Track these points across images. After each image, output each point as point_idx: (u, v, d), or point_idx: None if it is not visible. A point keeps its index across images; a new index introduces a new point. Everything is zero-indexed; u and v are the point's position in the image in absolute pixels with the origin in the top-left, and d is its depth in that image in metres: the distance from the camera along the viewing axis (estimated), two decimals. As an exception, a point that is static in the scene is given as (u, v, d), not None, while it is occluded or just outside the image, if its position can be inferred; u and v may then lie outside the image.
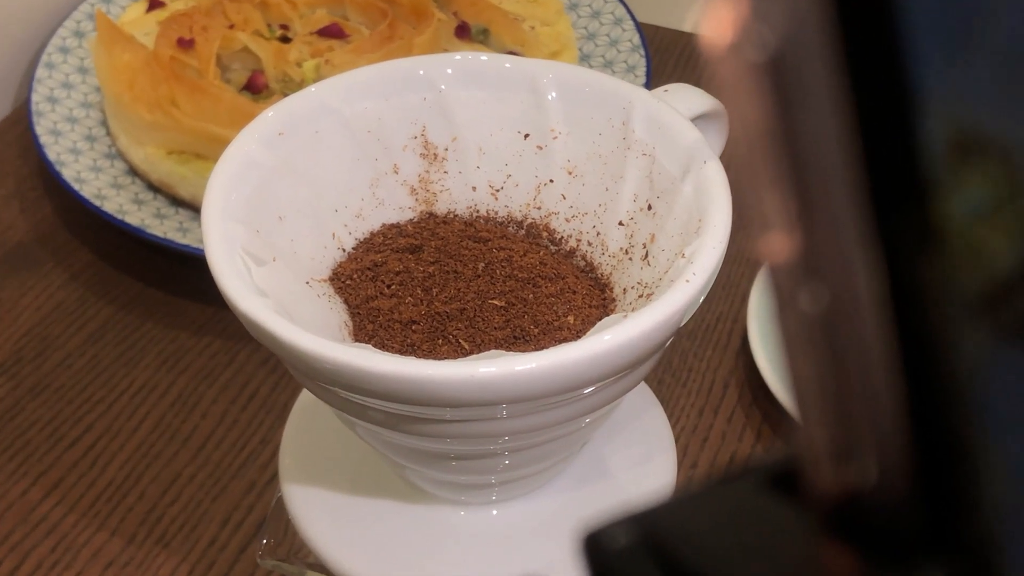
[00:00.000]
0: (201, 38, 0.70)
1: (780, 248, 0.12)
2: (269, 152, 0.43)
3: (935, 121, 0.12)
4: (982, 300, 0.12)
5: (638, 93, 0.45)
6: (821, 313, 0.12)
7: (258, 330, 0.37)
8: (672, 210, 0.43)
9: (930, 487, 0.13)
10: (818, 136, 0.12)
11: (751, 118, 0.12)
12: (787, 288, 0.13)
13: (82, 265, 0.69)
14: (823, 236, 0.12)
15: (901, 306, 0.12)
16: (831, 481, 0.13)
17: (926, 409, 0.13)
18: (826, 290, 0.12)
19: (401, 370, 0.35)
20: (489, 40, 0.75)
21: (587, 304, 0.44)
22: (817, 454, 0.13)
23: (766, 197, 0.12)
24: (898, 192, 0.12)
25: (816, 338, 0.13)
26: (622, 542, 0.15)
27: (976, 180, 0.12)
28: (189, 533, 0.55)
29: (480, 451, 0.42)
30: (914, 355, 0.12)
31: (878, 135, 0.12)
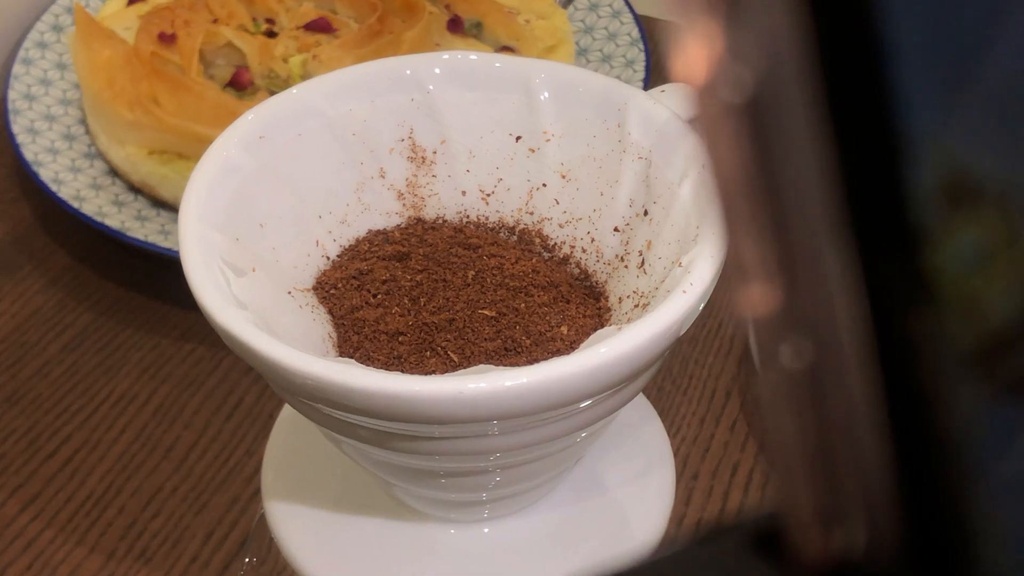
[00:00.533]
0: (183, 33, 0.70)
1: (760, 300, 0.12)
2: (249, 156, 0.43)
3: (925, 165, 0.11)
4: (976, 354, 0.12)
5: (634, 94, 0.45)
6: (805, 369, 0.12)
7: (237, 344, 0.36)
8: (669, 216, 0.42)
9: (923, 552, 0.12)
10: (800, 181, 0.11)
11: (728, 162, 0.12)
12: (768, 343, 0.12)
13: (60, 269, 0.69)
14: (806, 288, 0.12)
15: (890, 361, 0.12)
16: (817, 545, 0.13)
17: (917, 469, 0.12)
18: (810, 345, 0.12)
19: (386, 386, 0.34)
20: (483, 34, 0.75)
21: (581, 314, 0.44)
22: (802, 517, 0.13)
23: (745, 246, 0.12)
24: (886, 241, 0.11)
25: (799, 395, 0.12)
26: (597, 606, 0.14)
27: (969, 227, 0.12)
28: (171, 549, 0.55)
29: (470, 468, 0.41)
30: (904, 413, 0.12)
31: (864, 180, 0.11)
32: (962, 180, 0.11)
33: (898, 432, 0.12)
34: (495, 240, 0.47)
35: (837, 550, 0.13)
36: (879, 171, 0.11)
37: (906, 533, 0.12)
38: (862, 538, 0.13)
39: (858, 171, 0.11)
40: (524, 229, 0.47)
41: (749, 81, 0.11)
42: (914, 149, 0.11)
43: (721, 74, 0.11)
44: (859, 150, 0.11)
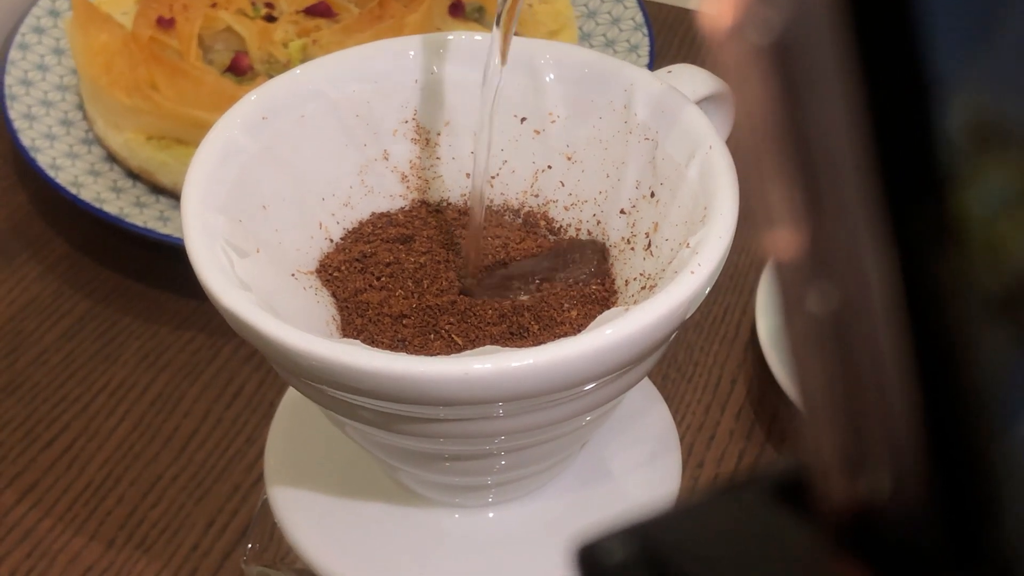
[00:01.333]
0: (182, 18, 0.70)
1: (787, 244, 0.12)
2: (252, 138, 0.43)
3: (953, 109, 0.11)
4: (1002, 299, 0.12)
5: (640, 74, 0.45)
6: (831, 314, 0.12)
7: (241, 325, 0.36)
8: (676, 197, 0.42)
9: (948, 498, 0.13)
10: (827, 125, 0.11)
11: (755, 105, 0.12)
12: (794, 287, 0.12)
13: (58, 257, 0.69)
14: (833, 232, 0.12)
15: (916, 306, 0.12)
16: (842, 493, 0.13)
17: (943, 415, 0.12)
18: (836, 289, 0.12)
19: (391, 367, 0.34)
20: (485, 19, 0.75)
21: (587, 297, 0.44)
22: (827, 464, 0.13)
23: (772, 190, 0.12)
24: (913, 185, 0.11)
25: (825, 341, 0.13)
26: (619, 556, 0.14)
27: (997, 172, 0.12)
28: (171, 538, 0.55)
29: (475, 451, 0.42)
30: (930, 358, 0.12)
31: (892, 124, 0.11)
32: (990, 124, 0.11)
33: (924, 378, 0.12)
34: (500, 222, 0.47)
35: (861, 497, 0.13)
36: (907, 114, 0.11)
37: (932, 479, 0.12)
38: (887, 485, 0.13)
39: (886, 114, 0.11)
40: (529, 212, 0.47)
41: (777, 23, 0.11)
42: (943, 92, 0.11)
43: (749, 16, 0.11)
44: (887, 93, 0.11)
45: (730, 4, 0.11)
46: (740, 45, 0.11)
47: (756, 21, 0.11)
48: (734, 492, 0.15)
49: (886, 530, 0.13)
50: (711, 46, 0.12)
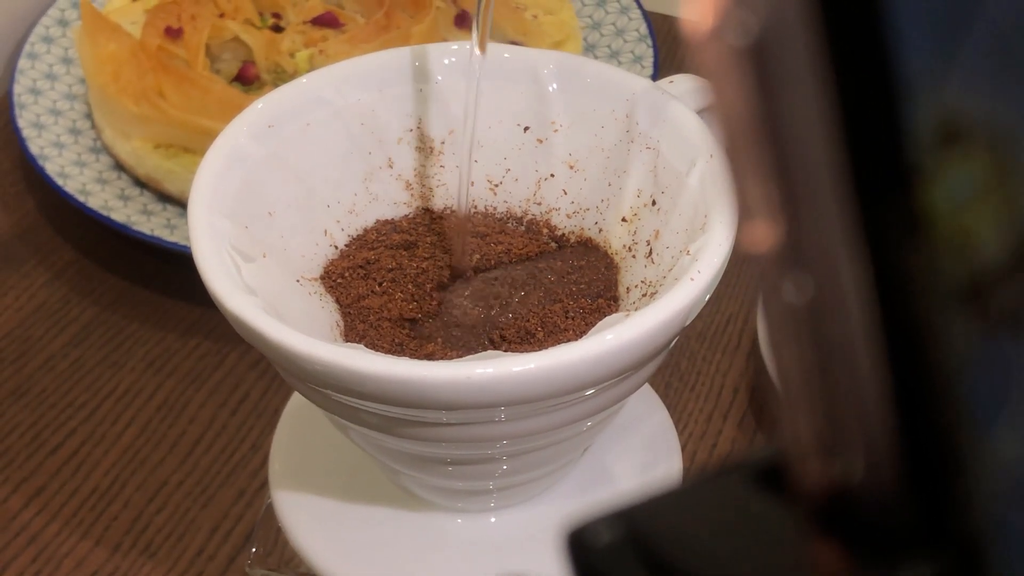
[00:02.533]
0: (190, 27, 0.70)
1: (763, 237, 0.13)
2: (258, 145, 0.44)
3: (921, 107, 0.12)
4: (969, 290, 0.13)
5: (642, 84, 0.45)
6: (805, 303, 0.13)
7: (246, 330, 0.37)
8: (677, 206, 0.43)
9: (918, 481, 0.13)
10: (801, 123, 0.12)
11: (733, 104, 0.12)
12: (771, 278, 0.13)
13: (65, 263, 0.70)
14: (807, 225, 0.12)
15: (886, 296, 0.12)
16: (817, 476, 0.14)
17: (913, 401, 0.13)
18: (810, 280, 0.13)
19: (394, 371, 0.35)
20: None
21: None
22: (803, 448, 0.14)
23: (749, 185, 0.13)
24: (883, 180, 0.12)
25: (801, 329, 0.13)
26: (606, 539, 0.15)
27: (963, 167, 0.12)
28: (176, 543, 0.55)
29: (477, 456, 0.42)
30: (900, 346, 0.13)
31: (862, 121, 0.12)
32: (958, 120, 0.12)
33: (894, 364, 0.13)
34: (503, 229, 0.48)
35: (836, 480, 0.14)
36: (877, 112, 0.12)
37: (902, 462, 0.13)
38: (859, 467, 0.13)
39: (857, 112, 0.12)
40: (532, 219, 0.48)
41: (753, 26, 0.12)
42: (911, 91, 0.12)
43: (727, 19, 0.12)
44: (858, 92, 0.12)
45: (709, 8, 0.12)
46: (719, 47, 0.12)
47: (734, 24, 0.12)
48: (718, 477, 0.16)
49: (859, 512, 0.14)
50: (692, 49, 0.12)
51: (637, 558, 0.15)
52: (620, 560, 0.15)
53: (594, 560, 0.15)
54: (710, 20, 0.12)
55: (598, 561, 0.15)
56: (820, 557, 0.14)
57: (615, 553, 0.15)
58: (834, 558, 0.14)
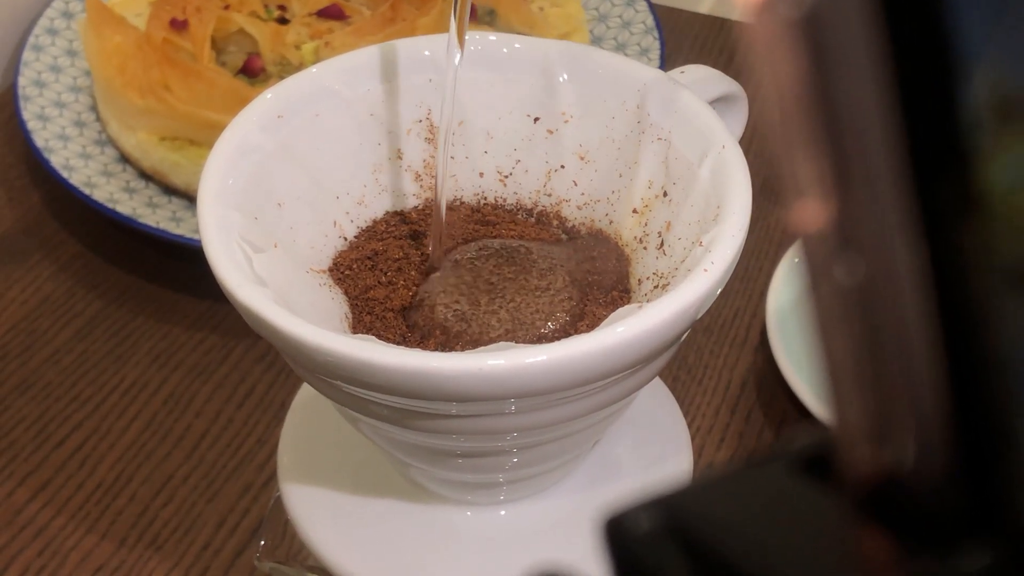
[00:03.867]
0: (195, 19, 0.70)
1: (814, 217, 0.12)
2: (267, 136, 0.43)
3: (979, 83, 0.12)
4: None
5: (653, 75, 0.45)
6: (857, 285, 0.12)
7: (257, 321, 0.37)
8: (688, 197, 0.43)
9: (972, 468, 0.13)
10: (855, 98, 0.12)
11: (785, 79, 0.12)
12: (821, 259, 0.13)
13: (70, 257, 0.69)
14: (860, 204, 0.12)
15: (942, 277, 0.12)
16: (866, 463, 0.13)
17: (968, 386, 0.12)
18: (862, 261, 0.12)
19: (406, 362, 0.35)
20: (496, 22, 0.75)
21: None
22: (851, 435, 0.13)
23: (800, 162, 0.12)
24: (939, 158, 0.12)
25: (851, 312, 0.13)
26: (645, 527, 0.15)
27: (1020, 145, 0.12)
28: (182, 536, 0.55)
29: (488, 448, 0.42)
30: (955, 329, 0.12)
31: (919, 98, 0.12)
32: (1013, 98, 0.12)
33: (949, 348, 0.12)
34: (513, 220, 0.47)
35: (886, 466, 0.13)
36: (933, 88, 0.11)
37: (956, 448, 0.13)
38: (911, 455, 0.13)
39: (913, 88, 0.11)
40: (542, 211, 0.48)
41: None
42: (968, 67, 0.11)
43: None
44: (915, 68, 0.11)
45: (761, -21, 0.12)
46: (771, 19, 0.12)
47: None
48: (759, 464, 0.15)
49: (909, 499, 0.13)
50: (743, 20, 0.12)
51: (677, 546, 0.14)
52: (660, 548, 0.14)
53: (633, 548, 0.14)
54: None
55: (638, 549, 0.14)
56: (868, 545, 0.14)
57: (655, 541, 0.14)
58: (882, 547, 0.14)
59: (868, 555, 0.14)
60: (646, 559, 0.15)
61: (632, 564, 0.15)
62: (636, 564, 0.15)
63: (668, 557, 0.14)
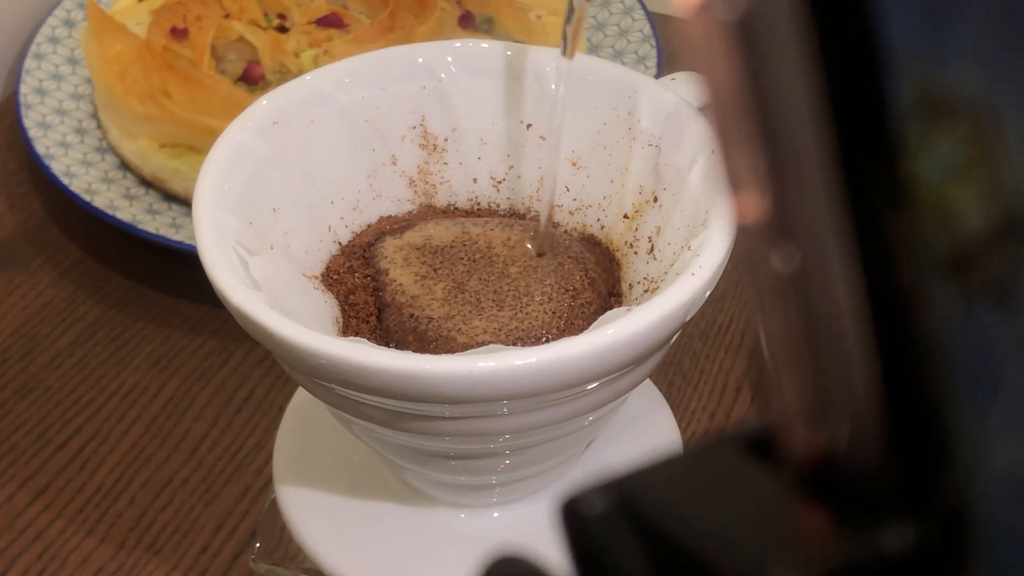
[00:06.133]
0: (195, 28, 0.71)
1: (752, 208, 0.13)
2: (262, 141, 0.44)
3: (905, 80, 0.12)
4: (952, 260, 0.13)
5: (644, 81, 0.46)
6: (792, 273, 0.13)
7: (250, 324, 0.37)
8: (679, 202, 0.43)
9: (902, 446, 0.13)
10: (787, 95, 0.12)
11: (721, 77, 0.13)
12: (758, 248, 0.13)
13: (71, 262, 0.70)
14: (793, 196, 0.13)
15: (871, 266, 0.13)
16: (804, 443, 0.14)
17: (898, 369, 0.13)
18: (797, 250, 0.13)
19: (398, 365, 0.35)
20: (494, 30, 0.76)
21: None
22: (790, 416, 0.14)
23: (737, 157, 0.13)
24: (867, 151, 0.12)
25: (787, 298, 0.13)
26: (599, 508, 0.15)
27: (946, 140, 0.13)
28: (181, 539, 0.56)
29: (480, 450, 0.42)
30: (885, 315, 0.13)
31: (847, 93, 0.12)
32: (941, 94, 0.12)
33: (879, 333, 0.13)
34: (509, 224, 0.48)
35: (821, 446, 0.14)
36: (861, 83, 0.12)
37: (887, 428, 0.13)
38: (845, 434, 0.14)
39: (842, 83, 0.12)
40: (535, 216, 0.48)
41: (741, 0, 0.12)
42: (896, 64, 0.12)
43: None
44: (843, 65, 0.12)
45: (698, -16, 0.12)
46: (708, 21, 0.12)
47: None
48: (708, 448, 0.16)
49: (845, 478, 0.14)
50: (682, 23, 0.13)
51: (630, 527, 0.15)
52: (613, 529, 0.15)
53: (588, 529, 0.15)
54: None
55: (592, 530, 0.15)
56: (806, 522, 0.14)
57: (608, 522, 0.15)
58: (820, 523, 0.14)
59: (807, 531, 0.14)
60: (599, 540, 0.15)
61: (586, 545, 0.15)
62: (590, 545, 0.15)
63: (621, 538, 0.15)
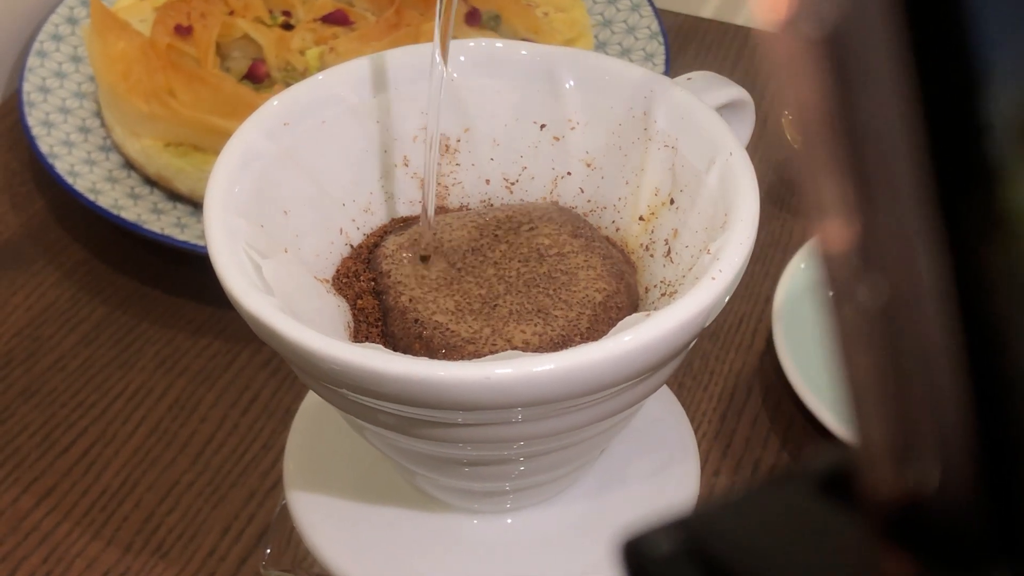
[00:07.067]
0: (199, 25, 0.70)
1: (837, 237, 0.12)
2: (273, 143, 0.43)
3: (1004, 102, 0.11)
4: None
5: (660, 81, 0.45)
6: (880, 306, 0.12)
7: (263, 329, 0.37)
8: (696, 204, 0.43)
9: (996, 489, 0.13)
10: (879, 117, 0.11)
11: (807, 99, 0.12)
12: (843, 280, 0.12)
13: (75, 263, 0.69)
14: (884, 223, 0.12)
15: (966, 297, 0.12)
16: (889, 484, 0.13)
17: (992, 407, 0.12)
18: (886, 281, 0.12)
19: (413, 371, 0.35)
20: (501, 27, 0.75)
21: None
22: (874, 455, 0.13)
23: (823, 183, 0.12)
24: (963, 177, 0.12)
25: (875, 332, 0.13)
26: (664, 549, 0.14)
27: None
28: (188, 543, 0.55)
29: (494, 457, 0.42)
30: (980, 349, 0.12)
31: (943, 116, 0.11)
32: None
33: (973, 368, 0.12)
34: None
35: (909, 488, 0.13)
36: (958, 107, 0.11)
37: (980, 470, 0.13)
38: (935, 476, 0.13)
39: (937, 107, 0.11)
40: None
41: (830, 16, 0.11)
42: (994, 85, 0.11)
43: (802, 9, 0.11)
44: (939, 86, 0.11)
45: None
46: (793, 39, 0.12)
47: (810, 15, 0.11)
48: (778, 485, 0.15)
49: (932, 521, 0.13)
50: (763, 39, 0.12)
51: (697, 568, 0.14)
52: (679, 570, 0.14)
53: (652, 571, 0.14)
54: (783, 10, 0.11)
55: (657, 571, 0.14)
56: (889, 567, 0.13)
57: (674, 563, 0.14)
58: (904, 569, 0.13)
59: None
60: (666, 582, 0.14)
61: (652, 587, 0.15)
62: (656, 587, 0.15)
63: (688, 580, 0.14)
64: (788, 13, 0.11)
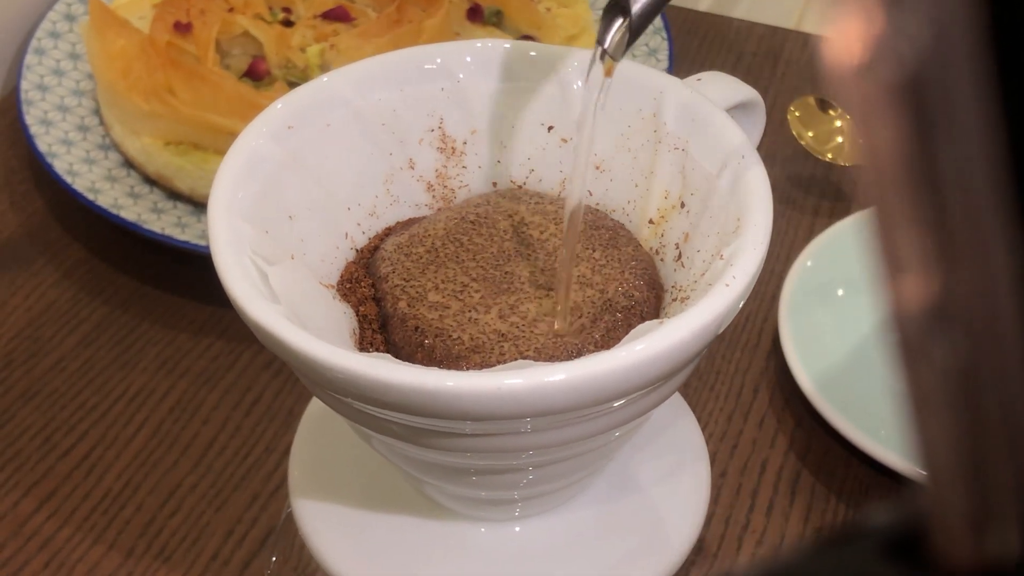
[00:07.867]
0: (199, 22, 0.69)
1: (914, 293, 0.11)
2: (278, 146, 0.42)
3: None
4: None
5: (670, 82, 0.44)
6: (960, 366, 0.11)
7: (268, 338, 0.36)
8: (707, 208, 0.42)
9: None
10: (964, 166, 0.11)
11: (885, 145, 0.11)
12: (918, 338, 0.12)
13: (75, 263, 0.69)
14: (967, 279, 0.11)
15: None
16: (966, 550, 0.12)
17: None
18: (967, 340, 0.11)
19: (421, 382, 0.34)
20: (503, 23, 0.74)
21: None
22: (950, 520, 0.12)
23: (899, 236, 0.11)
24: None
25: (953, 394, 0.12)
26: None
27: None
28: (190, 547, 0.54)
29: (503, 466, 0.41)
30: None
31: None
32: None
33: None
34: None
35: (988, 556, 0.12)
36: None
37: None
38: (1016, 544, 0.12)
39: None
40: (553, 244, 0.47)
41: (911, 57, 0.10)
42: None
43: (879, 51, 0.10)
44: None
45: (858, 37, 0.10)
46: (869, 82, 0.11)
47: (888, 56, 0.10)
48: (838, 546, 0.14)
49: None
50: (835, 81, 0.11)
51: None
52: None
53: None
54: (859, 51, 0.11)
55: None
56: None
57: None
58: (979, 641, 0.13)
59: (965, 650, 0.13)
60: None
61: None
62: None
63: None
64: (864, 57, 0.11)
